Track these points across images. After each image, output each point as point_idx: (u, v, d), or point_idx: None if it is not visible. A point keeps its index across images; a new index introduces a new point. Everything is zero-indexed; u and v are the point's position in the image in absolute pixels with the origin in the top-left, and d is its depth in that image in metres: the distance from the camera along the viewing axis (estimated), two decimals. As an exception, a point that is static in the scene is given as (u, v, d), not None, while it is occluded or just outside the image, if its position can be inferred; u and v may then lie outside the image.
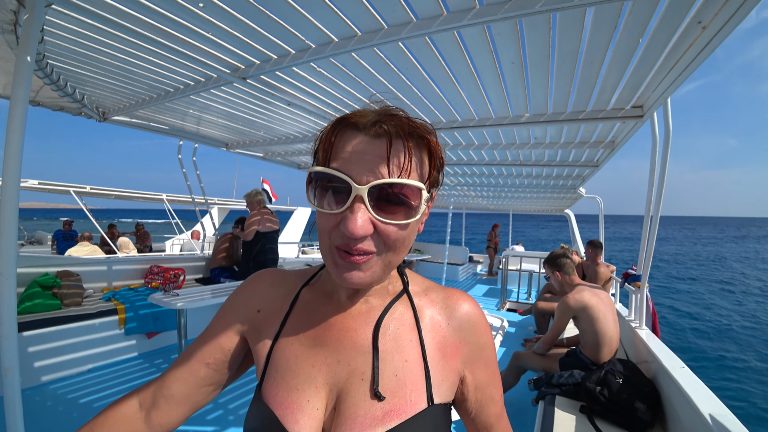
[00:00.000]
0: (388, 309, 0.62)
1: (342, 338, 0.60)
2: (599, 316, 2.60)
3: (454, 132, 3.26)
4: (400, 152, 0.50)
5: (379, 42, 1.72)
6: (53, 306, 3.44)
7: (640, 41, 1.73)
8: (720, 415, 1.46)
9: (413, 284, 0.68)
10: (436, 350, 0.61)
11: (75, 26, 1.98)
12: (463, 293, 0.68)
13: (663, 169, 2.46)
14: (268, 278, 0.71)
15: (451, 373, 0.62)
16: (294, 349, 0.61)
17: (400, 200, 0.50)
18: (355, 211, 0.48)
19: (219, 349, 0.67)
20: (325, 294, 0.65)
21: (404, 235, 0.53)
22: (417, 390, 0.57)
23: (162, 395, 0.65)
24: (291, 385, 0.57)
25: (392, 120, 0.51)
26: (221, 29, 1.87)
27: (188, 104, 3.18)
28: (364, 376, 0.57)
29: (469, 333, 0.64)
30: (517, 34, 1.72)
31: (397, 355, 0.59)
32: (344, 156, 0.51)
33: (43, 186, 7.76)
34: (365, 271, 0.52)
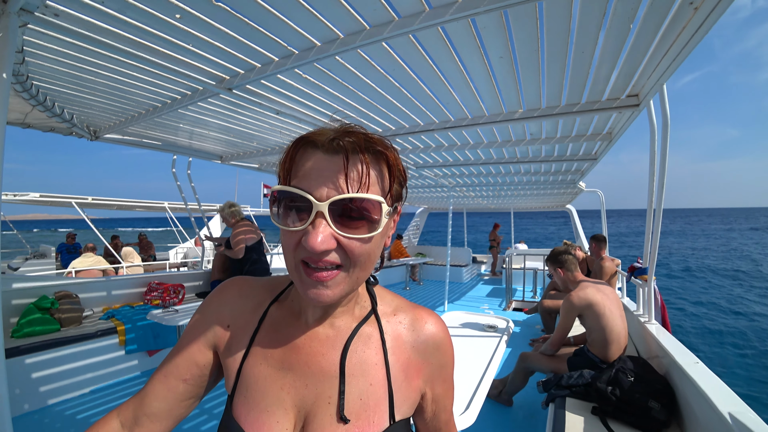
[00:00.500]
0: (355, 332, 0.63)
1: (309, 362, 0.61)
2: (605, 312, 2.53)
3: (448, 132, 3.21)
4: (357, 167, 0.51)
5: (362, 43, 1.68)
6: (52, 329, 3.39)
7: (630, 27, 1.68)
8: (740, 413, 1.39)
9: (381, 304, 0.69)
10: (400, 371, 0.64)
11: (56, 46, 1.96)
12: (431, 314, 0.70)
13: (663, 158, 2.40)
14: (236, 290, 0.70)
15: (413, 393, 0.65)
16: (263, 369, 0.62)
17: (361, 215, 0.51)
18: (317, 227, 0.49)
19: (194, 365, 0.66)
20: (294, 314, 0.65)
21: (368, 249, 0.54)
22: (380, 411, 0.60)
23: (143, 413, 0.64)
24: (261, 406, 0.59)
25: (349, 136, 0.52)
26: (202, 40, 1.83)
27: (179, 118, 3.14)
28: (331, 400, 0.59)
29: (432, 354, 0.67)
30: (504, 27, 1.67)
31: (362, 379, 0.61)
32: (304, 173, 0.52)
33: (44, 198, 7.83)
34: (332, 288, 0.52)
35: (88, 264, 6.32)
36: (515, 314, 6.22)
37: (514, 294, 7.57)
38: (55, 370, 3.20)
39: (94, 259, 6.51)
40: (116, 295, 4.43)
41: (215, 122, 3.22)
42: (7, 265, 9.56)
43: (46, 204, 8.71)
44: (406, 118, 3.01)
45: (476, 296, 8.00)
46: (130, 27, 1.74)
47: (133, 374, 3.70)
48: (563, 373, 2.49)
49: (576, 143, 3.60)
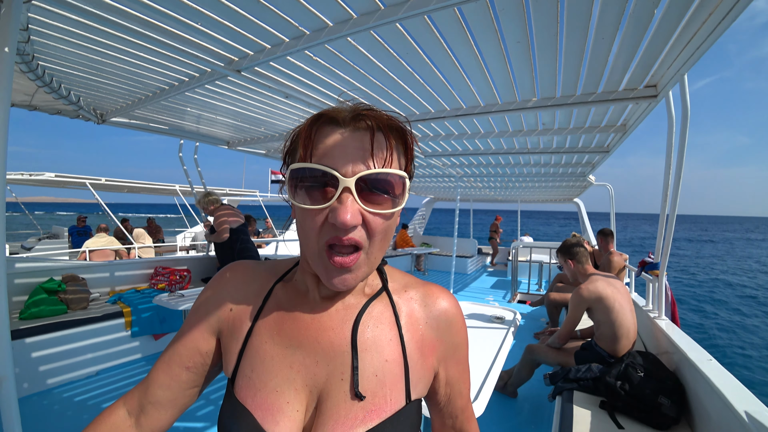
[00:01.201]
0: (366, 307, 0.61)
1: (319, 338, 0.59)
2: (615, 306, 2.49)
3: (459, 120, 3.14)
4: (382, 144, 0.52)
5: (375, 24, 1.62)
6: (59, 310, 3.42)
7: (654, 12, 1.61)
8: (757, 412, 1.35)
9: (392, 281, 0.67)
10: (415, 348, 0.61)
11: (63, 24, 1.92)
12: (442, 290, 0.67)
13: (681, 150, 2.33)
14: (239, 274, 0.69)
15: (428, 372, 0.63)
16: (268, 348, 0.59)
17: (386, 190, 0.52)
18: (344, 202, 0.49)
19: (197, 352, 0.65)
20: (300, 292, 0.63)
21: (388, 226, 0.54)
22: (396, 389, 0.58)
23: (148, 402, 0.63)
24: (269, 386, 0.56)
25: (370, 113, 0.53)
26: (211, 19, 1.78)
27: (186, 102, 3.10)
28: (344, 376, 0.57)
29: (446, 332, 0.65)
30: (523, 9, 1.61)
31: (376, 354, 0.58)
32: (326, 151, 0.51)
33: (60, 179, 7.90)
34: (355, 272, 0.53)
35: (101, 244, 6.39)
36: (520, 306, 6.20)
37: (520, 286, 7.54)
38: (62, 352, 3.23)
39: (107, 239, 6.58)
40: (122, 279, 4.46)
41: (223, 106, 3.18)
42: (21, 245, 9.70)
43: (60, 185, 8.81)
44: (417, 105, 2.94)
45: (481, 287, 7.98)
46: (138, 5, 1.69)
47: (138, 357, 3.73)
48: (571, 367, 2.47)
49: (589, 134, 3.52)
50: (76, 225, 9.50)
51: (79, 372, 3.30)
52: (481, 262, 11.13)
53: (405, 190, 0.54)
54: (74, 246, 8.65)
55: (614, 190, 6.91)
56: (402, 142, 0.55)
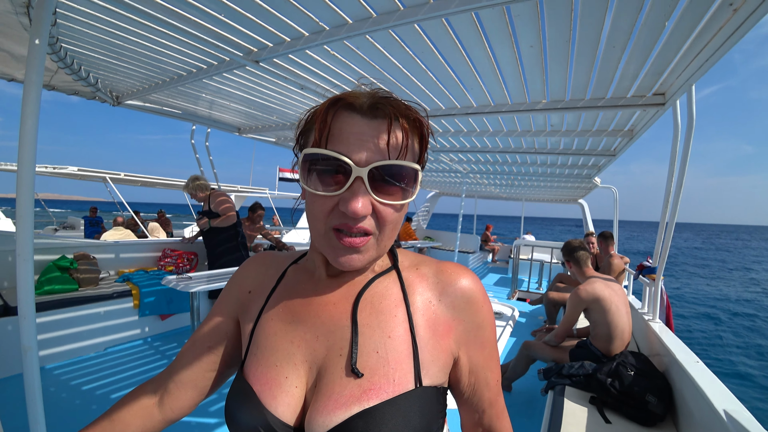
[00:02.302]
0: (370, 283, 0.60)
1: (320, 313, 0.58)
2: (611, 308, 2.56)
3: (469, 118, 3.19)
4: (398, 134, 0.51)
5: (394, 24, 1.68)
6: (71, 288, 3.52)
7: (666, 24, 1.66)
8: (735, 411, 1.43)
9: (404, 259, 0.65)
10: (426, 328, 0.57)
11: (88, 9, 1.97)
12: (459, 266, 0.63)
13: (684, 158, 2.38)
14: (261, 261, 0.72)
15: (443, 353, 0.57)
16: (273, 325, 0.60)
17: (398, 181, 0.51)
18: (355, 191, 0.49)
19: (218, 332, 0.68)
20: (308, 271, 0.65)
21: (398, 217, 0.54)
22: (402, 369, 0.53)
23: (172, 380, 0.67)
24: (270, 361, 0.56)
25: (389, 102, 0.52)
26: (234, 11, 1.84)
27: (201, 88, 3.17)
28: (343, 351, 0.55)
29: (464, 310, 0.59)
30: (538, 15, 1.65)
31: (378, 330, 0.55)
32: (342, 137, 0.50)
33: (81, 173, 8.14)
34: (363, 253, 0.53)
35: (118, 237, 6.62)
36: (519, 304, 6.28)
37: (520, 285, 7.62)
38: (71, 327, 3.33)
39: (125, 232, 6.79)
40: (131, 260, 4.56)
41: (237, 94, 3.23)
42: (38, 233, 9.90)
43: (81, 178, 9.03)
44: (428, 101, 3.00)
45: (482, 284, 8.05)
46: (164, -6, 1.75)
47: (145, 337, 3.84)
48: (564, 363, 2.55)
49: (596, 138, 3.57)
50: (88, 215, 9.79)
51: (88, 349, 3.42)
52: (483, 259, 11.21)
53: (417, 182, 0.53)
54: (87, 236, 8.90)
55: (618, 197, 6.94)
56: (418, 134, 0.55)
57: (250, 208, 4.85)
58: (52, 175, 8.46)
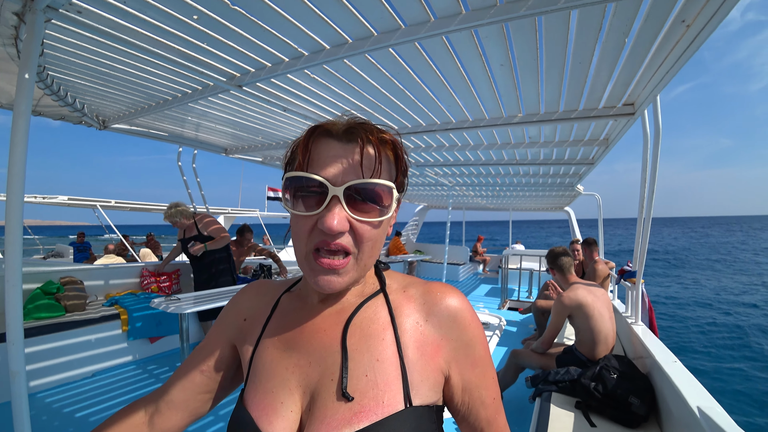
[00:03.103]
0: (359, 308, 0.62)
1: (312, 339, 0.61)
2: (594, 314, 2.63)
3: (450, 134, 3.29)
4: (371, 155, 0.55)
5: (370, 48, 1.77)
6: (58, 313, 3.49)
7: (626, 41, 1.77)
8: (708, 407, 1.49)
9: (392, 282, 0.67)
10: (415, 349, 0.58)
11: (74, 39, 2.03)
12: (446, 286, 0.64)
13: (654, 165, 2.49)
14: (256, 289, 0.75)
15: (433, 373, 0.58)
16: (270, 352, 0.62)
17: (373, 200, 0.54)
18: (332, 209, 0.52)
19: (212, 357, 0.70)
20: (301, 298, 0.68)
21: (377, 235, 0.56)
22: (391, 391, 0.55)
23: (163, 401, 0.68)
24: (266, 388, 0.59)
25: (363, 126, 0.56)
26: (216, 39, 1.91)
27: (187, 111, 3.23)
28: (334, 376, 0.57)
29: (451, 329, 0.60)
30: (505, 37, 1.76)
31: (367, 354, 0.57)
32: (320, 160, 0.54)
33: (71, 202, 8.12)
34: (342, 275, 0.55)
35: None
36: (510, 313, 6.33)
37: (511, 294, 7.68)
38: (59, 353, 3.29)
39: (116, 260, 6.77)
40: (119, 283, 4.53)
41: (222, 116, 3.30)
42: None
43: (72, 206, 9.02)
44: (409, 119, 3.09)
45: (473, 295, 8.10)
46: (148, 25, 1.82)
47: (135, 360, 3.80)
48: (551, 370, 2.60)
49: (574, 148, 3.69)
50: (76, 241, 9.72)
51: (75, 373, 3.37)
52: (474, 270, 11.27)
53: (393, 200, 0.56)
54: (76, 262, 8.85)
55: (603, 196, 7.11)
56: (392, 154, 0.58)
57: (238, 231, 4.83)
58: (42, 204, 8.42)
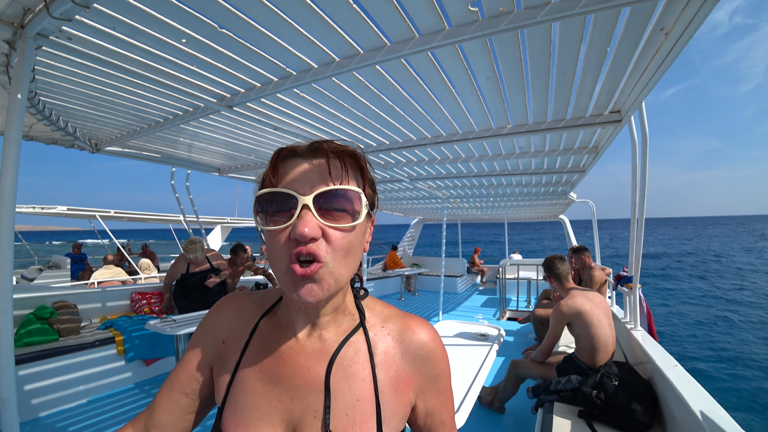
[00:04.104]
0: (342, 346, 0.64)
1: (295, 376, 0.62)
2: (593, 321, 2.61)
3: (441, 146, 3.33)
4: (337, 167, 0.57)
5: (356, 66, 1.80)
6: (51, 338, 3.43)
7: (607, 51, 1.81)
8: (711, 411, 1.48)
9: (371, 315, 0.69)
10: (389, 385, 0.63)
11: (65, 65, 2.06)
12: (420, 322, 0.69)
13: (644, 170, 2.52)
14: (232, 306, 0.73)
15: (403, 406, 0.64)
16: (252, 383, 0.63)
17: (343, 207, 0.55)
18: (303, 217, 0.52)
19: (194, 379, 0.69)
20: (281, 328, 0.67)
21: (350, 241, 0.56)
22: (367, 427, 0.59)
23: (152, 425, 0.68)
24: (249, 420, 0.60)
25: (326, 143, 0.59)
26: (205, 62, 1.94)
27: (179, 132, 3.24)
28: (317, 414, 0.59)
29: (423, 365, 0.66)
30: (489, 51, 1.80)
31: (348, 393, 0.61)
32: (287, 177, 0.56)
33: (71, 212, 8.19)
34: (320, 283, 0.54)
35: (109, 275, 6.57)
36: (509, 324, 6.30)
37: (509, 304, 7.65)
38: (54, 380, 3.23)
39: (115, 270, 6.73)
40: (113, 306, 4.47)
41: (215, 136, 3.32)
42: (21, 275, 9.62)
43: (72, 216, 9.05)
44: (400, 134, 3.13)
45: (471, 306, 8.07)
46: (138, 50, 1.85)
47: (131, 384, 3.73)
48: (552, 379, 2.57)
49: (564, 156, 3.73)
50: (72, 252, 9.56)
51: (70, 399, 3.30)
52: (471, 281, 11.24)
53: (362, 206, 0.57)
54: (72, 275, 8.77)
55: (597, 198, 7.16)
56: (357, 167, 0.60)
57: (232, 249, 4.78)
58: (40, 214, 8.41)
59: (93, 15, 1.59)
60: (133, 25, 1.64)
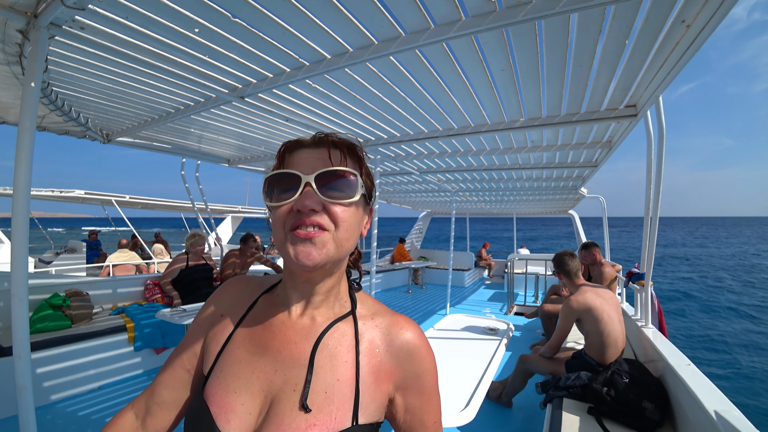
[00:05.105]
0: (330, 327, 0.67)
1: (282, 349, 0.65)
2: (603, 317, 2.59)
3: (452, 140, 3.29)
4: (338, 155, 0.64)
5: (370, 57, 1.77)
6: (64, 325, 3.49)
7: (626, 43, 1.76)
8: (725, 411, 1.46)
9: (362, 307, 0.73)
10: (370, 373, 0.65)
11: (78, 55, 2.05)
12: (408, 321, 0.72)
13: (659, 167, 2.48)
14: (236, 285, 0.77)
15: (381, 396, 0.66)
16: (239, 353, 0.66)
17: (341, 187, 0.61)
18: (305, 193, 0.59)
19: (194, 355, 0.72)
20: (276, 304, 0.71)
21: (349, 218, 0.62)
22: (343, 409, 0.61)
23: (154, 402, 0.70)
24: (230, 387, 0.62)
25: (329, 135, 0.66)
26: (217, 52, 1.93)
27: (190, 123, 3.25)
28: (296, 387, 0.61)
29: (406, 360, 0.68)
30: (505, 42, 1.76)
31: (330, 372, 0.63)
32: (293, 162, 0.63)
33: (88, 196, 8.40)
34: (319, 247, 0.58)
35: (124, 259, 6.65)
36: (517, 318, 6.28)
37: (516, 298, 7.62)
38: (65, 366, 3.29)
39: (129, 254, 6.83)
40: (125, 294, 4.54)
41: (225, 127, 3.32)
42: (38, 258, 9.83)
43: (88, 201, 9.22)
44: (411, 126, 3.10)
45: (478, 300, 8.06)
46: (151, 39, 1.84)
47: (140, 371, 3.79)
48: (561, 375, 2.56)
49: (576, 151, 3.67)
50: (88, 239, 9.81)
51: (82, 386, 3.36)
52: (479, 275, 11.22)
53: (358, 185, 0.63)
54: (88, 260, 8.95)
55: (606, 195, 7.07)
56: (355, 157, 0.67)
57: (242, 239, 4.82)
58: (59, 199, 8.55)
59: (106, 4, 1.58)
60: (145, 14, 1.63)
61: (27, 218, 1.49)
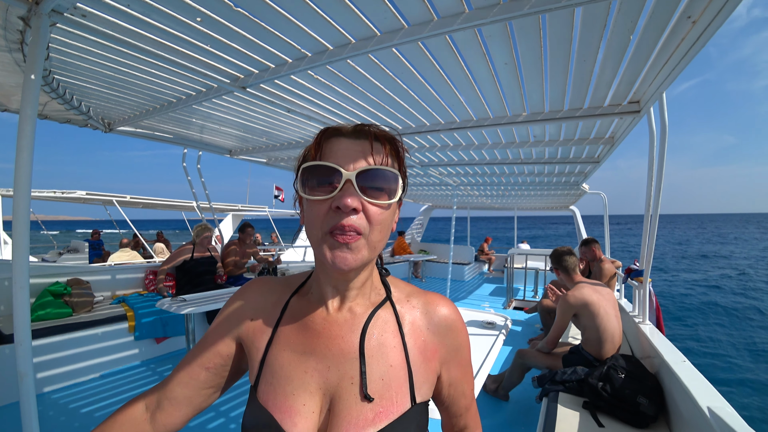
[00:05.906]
0: (372, 316, 0.67)
1: (330, 345, 0.65)
2: (600, 312, 2.61)
3: (454, 133, 3.28)
4: (379, 150, 0.61)
5: (373, 49, 1.76)
6: (65, 313, 3.52)
7: (630, 38, 1.75)
8: (718, 408, 1.47)
9: (396, 291, 0.73)
10: (418, 353, 0.67)
11: (80, 43, 2.05)
12: (442, 298, 0.73)
13: (661, 164, 2.47)
14: (259, 287, 0.76)
15: (431, 374, 0.68)
16: (286, 355, 0.65)
17: (381, 186, 0.60)
18: (345, 191, 0.57)
19: (217, 354, 0.71)
20: (313, 303, 0.70)
21: (385, 218, 0.61)
22: (402, 392, 0.63)
23: (165, 397, 0.70)
24: (287, 390, 0.62)
25: (370, 126, 0.63)
26: (219, 41, 1.92)
27: (191, 113, 3.24)
28: (353, 380, 0.62)
29: (446, 336, 0.70)
30: (508, 36, 1.75)
31: (382, 359, 0.64)
32: (332, 153, 0.60)
33: (89, 196, 8.42)
34: (355, 252, 0.58)
35: (126, 258, 6.77)
36: (516, 313, 6.31)
37: (516, 293, 7.64)
38: (66, 354, 3.32)
39: (131, 253, 6.93)
40: (125, 283, 4.57)
41: (227, 118, 3.31)
42: (41, 258, 9.93)
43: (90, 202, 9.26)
44: (413, 119, 3.09)
45: (478, 294, 8.08)
46: (152, 28, 1.83)
47: (140, 361, 3.83)
48: (558, 369, 2.58)
49: (579, 146, 3.66)
50: (90, 239, 9.94)
51: (83, 375, 3.40)
52: (479, 269, 11.25)
53: (398, 186, 0.62)
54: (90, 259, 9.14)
55: (607, 193, 7.06)
56: (396, 152, 0.65)
57: (239, 228, 4.87)
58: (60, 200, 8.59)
59: (108, -9, 1.58)
60: (147, 2, 1.62)
61: (28, 206, 1.49)
